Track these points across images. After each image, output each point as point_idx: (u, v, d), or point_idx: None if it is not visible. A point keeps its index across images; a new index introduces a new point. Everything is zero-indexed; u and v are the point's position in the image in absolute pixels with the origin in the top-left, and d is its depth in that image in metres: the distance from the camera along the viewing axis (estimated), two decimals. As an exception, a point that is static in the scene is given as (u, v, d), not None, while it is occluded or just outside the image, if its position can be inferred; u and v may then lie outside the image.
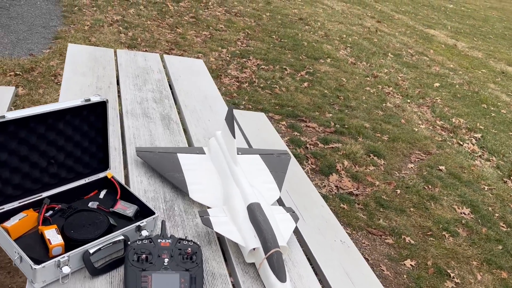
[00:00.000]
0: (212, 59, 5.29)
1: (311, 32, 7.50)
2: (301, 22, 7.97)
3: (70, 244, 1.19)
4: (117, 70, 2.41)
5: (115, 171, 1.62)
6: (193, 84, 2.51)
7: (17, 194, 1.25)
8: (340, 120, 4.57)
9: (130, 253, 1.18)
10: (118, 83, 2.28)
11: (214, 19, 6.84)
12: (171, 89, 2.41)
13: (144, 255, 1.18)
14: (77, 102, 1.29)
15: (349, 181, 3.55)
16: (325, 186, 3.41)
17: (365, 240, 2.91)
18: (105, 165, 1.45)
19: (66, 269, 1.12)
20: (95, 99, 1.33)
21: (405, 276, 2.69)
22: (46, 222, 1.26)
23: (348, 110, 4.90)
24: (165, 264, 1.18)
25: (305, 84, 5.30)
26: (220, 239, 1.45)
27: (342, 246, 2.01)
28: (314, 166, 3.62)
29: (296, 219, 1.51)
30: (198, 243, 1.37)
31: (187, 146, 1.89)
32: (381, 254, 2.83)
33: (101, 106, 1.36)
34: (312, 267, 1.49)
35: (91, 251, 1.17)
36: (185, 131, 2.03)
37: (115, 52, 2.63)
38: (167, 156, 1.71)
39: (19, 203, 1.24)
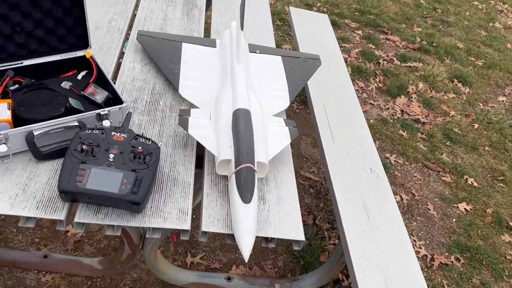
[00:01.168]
0: (296, -47, 4.72)
1: None
2: None
3: (19, 124, 1.07)
4: None
5: (109, 53, 1.46)
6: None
7: (-24, 61, 1.14)
8: (429, 36, 3.93)
9: (74, 141, 1.04)
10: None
11: None
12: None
13: (89, 146, 1.03)
14: (40, -40, 1.10)
15: (419, 106, 3.09)
16: (388, 108, 3.00)
17: (417, 174, 2.56)
18: (84, 43, 1.28)
19: (3, 147, 1.02)
20: (62, -41, 1.12)
21: (454, 220, 2.35)
22: (6, 96, 1.16)
23: (443, 26, 4.18)
24: (110, 159, 1.03)
25: (399, -10, 4.58)
26: (200, 145, 1.25)
27: (370, 175, 1.74)
28: (381, 85, 3.19)
29: (293, 135, 1.25)
30: (159, 143, 1.19)
31: (202, 37, 1.65)
32: (432, 192, 2.48)
33: (73, -30, 1.15)
34: (322, 194, 1.27)
35: (36, 133, 1.05)
36: (208, 21, 1.78)
37: None
38: (170, 44, 1.50)
39: (-22, 71, 1.14)
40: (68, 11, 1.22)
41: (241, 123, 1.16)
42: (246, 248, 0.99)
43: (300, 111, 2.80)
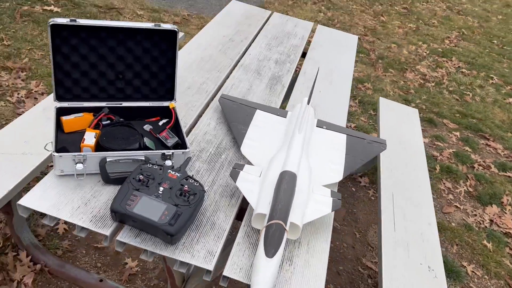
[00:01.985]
0: (404, 52, 4.87)
1: (551, 45, 6.12)
2: (543, 31, 6.58)
3: (99, 150, 1.28)
4: (260, 29, 2.44)
5: (192, 109, 1.67)
6: (329, 56, 2.35)
7: (83, 96, 1.41)
8: (539, 150, 3.64)
9: (135, 171, 1.20)
10: (253, 41, 2.32)
11: (429, 13, 6.25)
12: (303, 56, 2.31)
13: (145, 178, 1.18)
14: (148, 25, 1.36)
15: (512, 220, 2.83)
16: (475, 215, 2.80)
17: (497, 292, 2.30)
18: (171, 96, 1.50)
19: (79, 166, 1.22)
20: (165, 26, 1.37)
21: None
22: (98, 128, 1.39)
23: (558, 142, 3.86)
24: (159, 192, 1.16)
25: (511, 99, 4.40)
26: (244, 199, 1.34)
27: (427, 274, 1.66)
28: (471, 190, 3.01)
29: (336, 206, 1.28)
30: (205, 188, 1.30)
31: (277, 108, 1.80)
32: (513, 317, 2.19)
33: (173, 36, 1.40)
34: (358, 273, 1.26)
35: (108, 159, 1.24)
36: (287, 95, 1.94)
37: (270, 15, 2.67)
38: (245, 108, 1.67)
39: (83, 104, 1.40)
40: (162, 68, 1.46)
41: (284, 184, 1.23)
42: (257, 299, 1.01)
43: (375, 199, 2.75)
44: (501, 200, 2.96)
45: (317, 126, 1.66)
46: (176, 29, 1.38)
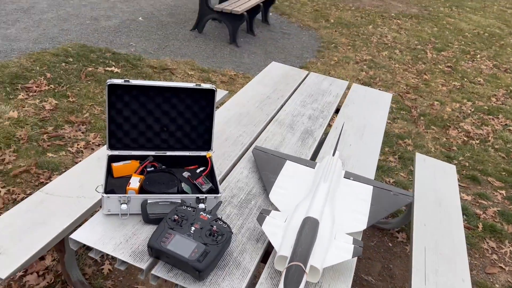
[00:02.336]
0: (448, 109, 4.88)
1: None
2: None
3: (142, 193, 1.44)
4: (296, 88, 2.62)
5: (228, 158, 1.82)
6: (362, 112, 2.47)
7: (132, 146, 1.60)
8: None
9: (171, 212, 1.34)
10: (289, 98, 2.49)
11: (475, 72, 6.26)
12: (336, 112, 2.44)
13: (179, 218, 1.32)
14: (190, 84, 1.56)
15: None
16: (522, 277, 2.68)
17: None
18: (208, 146, 1.67)
19: (124, 207, 1.38)
20: (205, 86, 1.56)
21: None
22: (143, 173, 1.56)
23: None
24: (191, 231, 1.29)
25: None
26: (270, 243, 1.44)
27: None
28: (517, 250, 2.89)
29: (356, 253, 1.34)
30: (234, 227, 1.41)
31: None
32: None
33: (211, 94, 1.58)
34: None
35: (149, 201, 1.40)
36: (318, 148, 2.05)
37: (307, 74, 2.85)
38: (276, 159, 1.80)
39: (131, 152, 1.59)
40: (201, 122, 1.64)
41: (306, 229, 1.33)
42: (274, 335, 1.08)
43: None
44: (551, 262, 2.82)
45: (344, 177, 1.75)
46: (214, 88, 1.57)
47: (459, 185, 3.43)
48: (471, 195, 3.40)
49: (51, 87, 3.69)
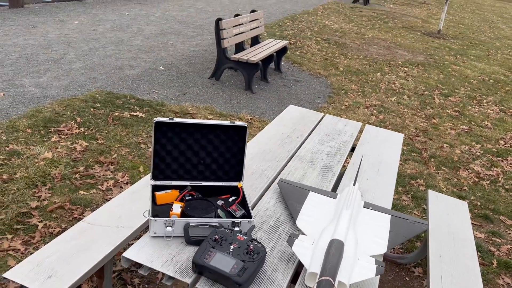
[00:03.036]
0: (457, 151, 5.04)
1: None
2: None
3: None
4: (313, 128, 2.82)
5: (255, 189, 1.99)
6: (376, 151, 2.65)
7: (172, 177, 1.79)
8: None
9: (211, 233, 1.51)
10: (308, 137, 2.68)
11: (482, 116, 6.46)
12: (352, 151, 2.63)
13: (219, 238, 1.48)
14: (225, 122, 1.76)
15: None
16: (539, 312, 2.73)
17: None
18: (239, 177, 1.85)
19: (169, 229, 1.55)
20: (238, 123, 1.77)
21: None
22: (182, 201, 1.74)
23: None
24: (230, 250, 1.45)
25: None
26: (299, 263, 1.58)
27: None
28: (532, 286, 2.95)
29: (379, 271, 1.48)
30: (266, 249, 1.56)
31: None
32: None
33: (243, 130, 1.79)
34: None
35: (191, 224, 1.57)
36: (337, 182, 2.22)
37: (323, 116, 3.07)
38: (300, 190, 1.97)
39: (171, 182, 1.78)
40: (234, 155, 1.83)
41: (333, 249, 1.47)
42: None
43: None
44: None
45: (364, 207, 1.91)
46: (246, 125, 1.77)
47: (472, 223, 3.54)
48: (484, 233, 3.49)
49: (81, 130, 3.95)
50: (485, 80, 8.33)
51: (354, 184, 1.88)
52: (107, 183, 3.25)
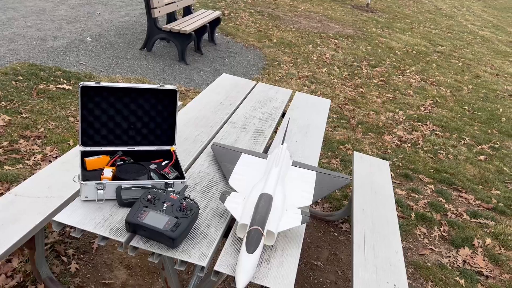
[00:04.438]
0: (382, 118, 5.36)
1: (518, 110, 6.69)
2: (510, 98, 7.19)
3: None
4: (246, 95, 2.88)
5: (189, 154, 2.03)
6: (305, 116, 2.77)
7: (102, 142, 1.78)
8: (508, 200, 3.97)
9: (144, 194, 1.53)
10: (240, 104, 2.74)
11: (405, 85, 6.87)
12: (282, 116, 2.73)
13: (152, 198, 1.51)
14: (155, 86, 1.77)
15: (484, 260, 3.08)
16: (449, 256, 3.06)
17: (470, 322, 2.50)
18: (171, 141, 1.87)
19: (100, 192, 1.55)
20: (168, 86, 1.78)
21: None
22: (114, 166, 1.74)
23: (526, 192, 4.20)
24: (163, 208, 1.49)
25: (482, 157, 4.80)
26: (231, 218, 1.66)
27: None
28: (444, 234, 3.29)
29: (304, 220, 1.59)
30: (199, 206, 1.62)
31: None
32: None
33: (173, 94, 1.80)
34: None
35: (123, 186, 1.58)
36: (269, 145, 2.31)
37: (255, 84, 3.14)
38: (233, 152, 2.03)
39: (101, 148, 1.76)
40: (165, 119, 1.84)
41: (262, 201, 1.56)
42: (240, 284, 1.30)
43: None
44: (472, 243, 3.23)
45: (292, 165, 2.02)
46: (176, 89, 1.79)
47: (394, 182, 3.83)
48: (404, 190, 3.80)
49: (2, 104, 3.72)
50: (408, 51, 8.82)
51: (282, 144, 1.98)
52: (35, 157, 3.12)
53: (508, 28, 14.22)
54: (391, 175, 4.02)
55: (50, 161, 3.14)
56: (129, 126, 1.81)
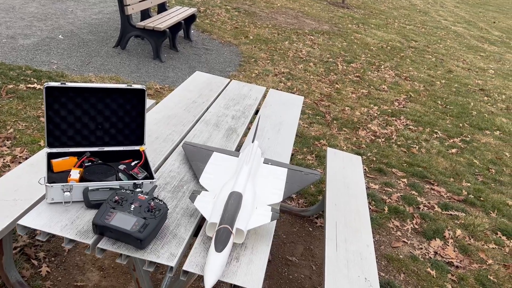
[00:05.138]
0: (357, 113, 5.43)
1: (489, 104, 6.86)
2: (481, 92, 7.37)
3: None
4: (219, 93, 2.88)
5: (160, 153, 2.02)
6: (278, 112, 2.79)
7: (69, 143, 1.75)
8: (477, 191, 4.08)
9: (111, 195, 1.52)
10: (213, 102, 2.74)
11: (380, 80, 6.97)
12: (256, 113, 2.74)
13: (119, 199, 1.50)
14: (122, 85, 1.75)
15: (454, 251, 3.16)
16: (421, 248, 3.13)
17: (440, 312, 2.57)
18: (141, 141, 1.86)
19: (67, 194, 1.53)
20: (135, 86, 1.77)
21: None
22: (81, 167, 1.72)
23: (495, 184, 4.32)
24: (131, 209, 1.48)
25: (453, 150, 4.92)
26: (201, 218, 1.66)
27: (363, 283, 1.95)
28: (417, 227, 3.36)
29: (274, 217, 1.61)
30: (168, 207, 1.62)
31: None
32: (455, 332, 2.45)
33: (141, 93, 1.79)
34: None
35: (90, 188, 1.56)
36: (241, 143, 2.31)
37: (229, 82, 3.13)
38: (204, 151, 2.03)
39: (69, 149, 1.74)
40: (133, 119, 1.83)
41: (232, 200, 1.57)
42: (208, 283, 1.31)
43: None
44: (443, 234, 3.31)
45: (264, 163, 2.03)
46: (144, 88, 1.78)
47: (368, 176, 3.89)
48: (378, 184, 3.86)
49: (-31, 104, 3.62)
50: (383, 47, 8.94)
51: (252, 141, 1.99)
52: (4, 159, 3.05)
53: (480, 23, 14.55)
54: (365, 169, 4.08)
55: (20, 163, 3.07)
56: (96, 127, 1.79)
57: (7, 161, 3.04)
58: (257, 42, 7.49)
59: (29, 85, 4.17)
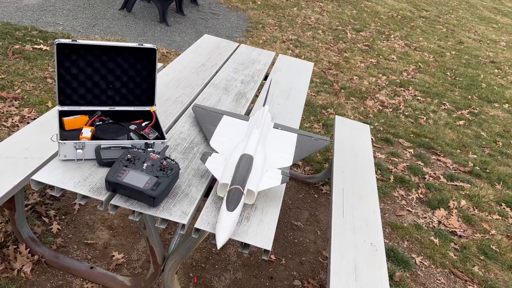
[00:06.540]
0: (365, 83, 5.37)
1: (499, 76, 6.77)
2: (491, 65, 7.26)
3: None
4: (228, 57, 2.84)
5: (170, 115, 2.01)
6: (287, 78, 2.76)
7: (80, 102, 1.75)
8: (484, 163, 4.08)
9: (124, 153, 1.52)
10: (222, 66, 2.71)
11: (389, 50, 6.86)
12: (265, 79, 2.71)
13: (132, 157, 1.51)
14: (133, 44, 1.72)
15: (458, 221, 3.19)
16: (425, 217, 3.15)
17: (442, 278, 2.62)
18: (151, 101, 1.85)
19: (79, 152, 1.54)
20: (147, 45, 1.74)
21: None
22: (92, 126, 1.72)
23: (501, 157, 4.31)
24: (144, 168, 1.49)
25: (461, 122, 4.89)
26: (212, 178, 1.67)
27: (369, 248, 1.98)
28: (422, 196, 3.38)
29: (284, 179, 1.61)
30: (181, 167, 1.63)
31: (241, 114, 2.16)
32: (455, 298, 2.50)
33: (152, 53, 1.76)
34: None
35: (102, 146, 1.57)
36: (251, 107, 2.30)
37: (238, 46, 3.09)
38: (214, 114, 2.02)
39: (80, 108, 1.74)
40: (144, 79, 1.81)
41: (243, 162, 1.57)
42: (220, 240, 1.33)
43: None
44: (448, 204, 3.34)
45: (274, 128, 2.02)
46: (155, 47, 1.75)
47: (374, 146, 3.89)
48: (384, 154, 3.86)
49: (-24, 64, 3.59)
50: (393, 16, 8.76)
51: (264, 105, 1.98)
52: (12, 119, 3.05)
53: (493, -6, 14.16)
54: (372, 139, 4.07)
55: (28, 123, 3.08)
56: (107, 86, 1.77)
57: (15, 121, 3.05)
58: (265, 8, 7.34)
59: (35, 46, 4.13)
